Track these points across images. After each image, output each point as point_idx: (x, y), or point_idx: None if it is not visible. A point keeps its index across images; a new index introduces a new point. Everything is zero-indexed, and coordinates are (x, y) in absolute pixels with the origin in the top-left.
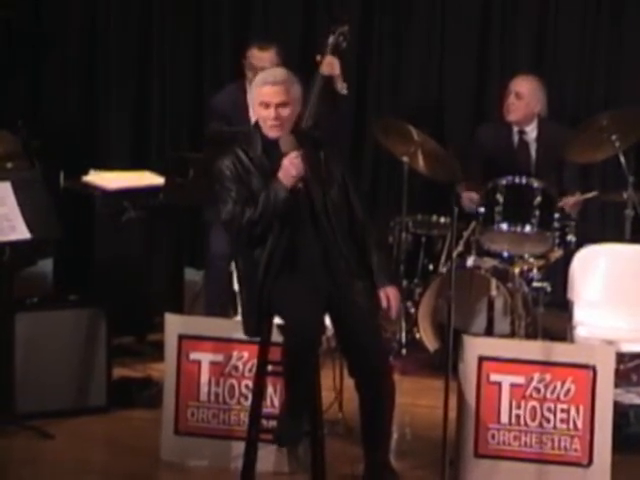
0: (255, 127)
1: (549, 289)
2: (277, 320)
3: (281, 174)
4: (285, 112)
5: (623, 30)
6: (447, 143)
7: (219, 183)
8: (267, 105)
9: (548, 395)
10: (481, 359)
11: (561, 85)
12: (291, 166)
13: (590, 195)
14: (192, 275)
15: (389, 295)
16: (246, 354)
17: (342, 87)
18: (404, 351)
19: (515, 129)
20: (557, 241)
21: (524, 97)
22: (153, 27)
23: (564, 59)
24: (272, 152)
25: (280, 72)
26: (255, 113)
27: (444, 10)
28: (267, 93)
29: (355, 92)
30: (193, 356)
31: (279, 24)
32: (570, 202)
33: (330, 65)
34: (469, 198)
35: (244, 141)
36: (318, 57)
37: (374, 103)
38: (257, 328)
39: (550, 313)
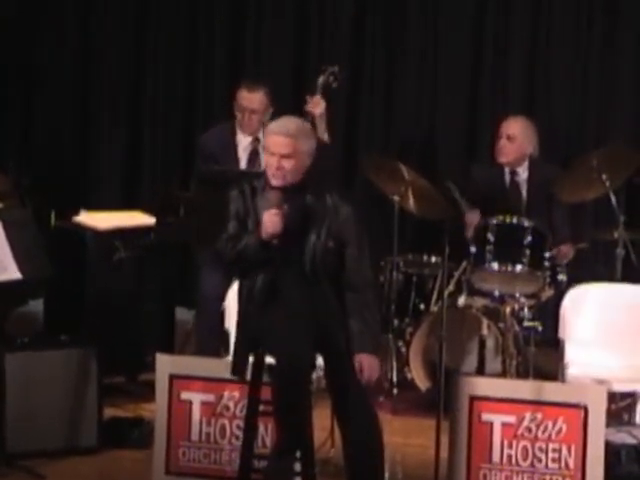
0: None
1: (540, 328)
2: (269, 359)
3: (262, 226)
4: (288, 164)
5: (615, 68)
6: (439, 182)
7: (227, 210)
8: (272, 154)
9: (540, 435)
10: (472, 398)
11: (553, 122)
12: (268, 222)
13: (581, 246)
14: (183, 315)
15: (362, 362)
16: (237, 394)
17: (322, 132)
18: (395, 390)
19: (507, 170)
20: (548, 280)
21: (516, 140)
22: (146, 65)
23: (555, 96)
24: None
25: (293, 125)
26: (264, 157)
27: (436, 47)
28: (274, 143)
29: (345, 129)
30: (184, 396)
31: (270, 64)
32: (562, 252)
33: (314, 104)
34: (474, 216)
35: (257, 178)
36: (308, 97)
37: (365, 140)
38: (240, 366)
39: (541, 352)
